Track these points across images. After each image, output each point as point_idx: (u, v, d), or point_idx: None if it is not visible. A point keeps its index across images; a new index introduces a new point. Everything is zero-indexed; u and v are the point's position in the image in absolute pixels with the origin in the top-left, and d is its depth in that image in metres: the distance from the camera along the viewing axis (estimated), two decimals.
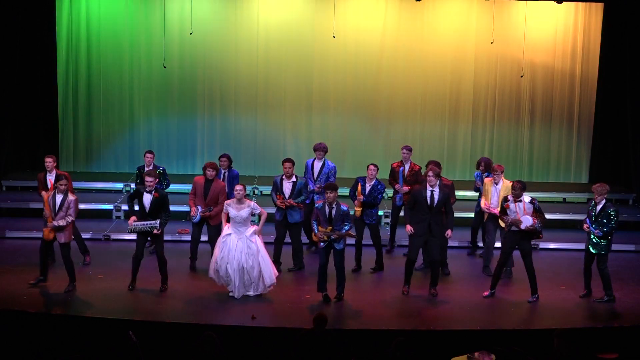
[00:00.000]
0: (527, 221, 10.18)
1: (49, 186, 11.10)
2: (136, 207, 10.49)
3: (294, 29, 15.69)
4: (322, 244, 10.11)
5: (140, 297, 10.29)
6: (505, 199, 10.45)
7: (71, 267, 10.35)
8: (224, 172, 11.77)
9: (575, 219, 14.21)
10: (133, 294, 10.36)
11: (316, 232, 10.07)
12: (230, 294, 10.28)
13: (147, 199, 10.29)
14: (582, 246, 13.07)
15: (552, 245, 13.39)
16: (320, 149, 12.22)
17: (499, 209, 10.80)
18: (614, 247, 12.68)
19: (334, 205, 10.01)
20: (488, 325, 9.68)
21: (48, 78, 15.58)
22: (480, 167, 12.18)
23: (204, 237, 11.57)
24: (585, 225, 10.43)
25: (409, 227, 10.55)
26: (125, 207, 14.18)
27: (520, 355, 8.22)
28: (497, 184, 11.44)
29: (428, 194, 10.46)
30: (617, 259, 12.11)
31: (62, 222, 10.21)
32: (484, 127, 16.08)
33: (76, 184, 15.11)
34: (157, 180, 10.67)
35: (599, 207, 10.32)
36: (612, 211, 10.26)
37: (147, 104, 15.95)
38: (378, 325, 9.52)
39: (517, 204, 10.28)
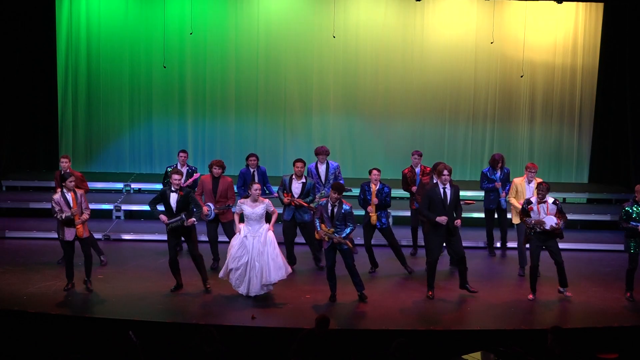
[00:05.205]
0: (550, 221, 10.20)
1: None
2: (160, 208, 10.45)
3: (294, 29, 15.68)
4: (326, 244, 10.17)
5: (140, 297, 10.28)
6: (528, 202, 10.36)
7: (90, 264, 10.44)
8: (253, 171, 11.80)
9: (575, 219, 14.16)
10: (133, 294, 10.35)
11: (318, 229, 10.13)
12: (240, 291, 10.22)
13: (174, 198, 10.28)
14: (581, 246, 13.18)
15: None
16: (322, 152, 12.17)
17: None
18: (615, 247, 12.75)
19: (336, 204, 10.07)
20: (488, 325, 9.68)
21: (48, 78, 15.56)
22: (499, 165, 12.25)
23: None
24: None
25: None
26: (125, 207, 14.27)
27: (520, 355, 8.21)
28: (529, 183, 11.40)
29: (441, 192, 10.45)
30: (617, 258, 12.11)
31: (85, 217, 10.35)
32: (484, 127, 16.05)
33: None
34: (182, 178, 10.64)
35: None
36: None
37: (147, 104, 15.93)
38: (378, 325, 9.52)
39: (540, 205, 10.27)
